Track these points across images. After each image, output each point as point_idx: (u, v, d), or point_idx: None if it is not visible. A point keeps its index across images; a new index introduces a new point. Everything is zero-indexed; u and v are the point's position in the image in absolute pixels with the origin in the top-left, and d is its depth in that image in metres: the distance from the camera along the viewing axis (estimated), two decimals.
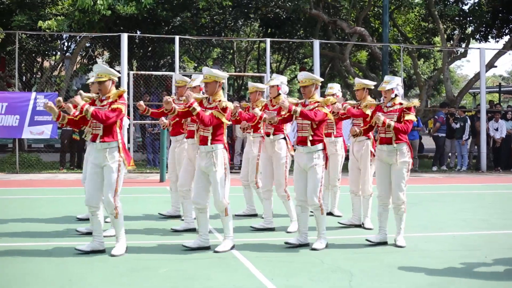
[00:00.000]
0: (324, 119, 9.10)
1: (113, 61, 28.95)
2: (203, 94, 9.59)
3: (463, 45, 28.57)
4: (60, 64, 25.78)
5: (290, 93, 41.08)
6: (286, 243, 9.30)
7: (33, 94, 19.39)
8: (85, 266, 8.04)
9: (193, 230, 10.23)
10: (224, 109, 8.78)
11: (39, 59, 27.77)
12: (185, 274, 7.68)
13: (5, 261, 8.18)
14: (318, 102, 9.18)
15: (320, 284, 7.33)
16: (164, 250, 8.98)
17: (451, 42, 27.78)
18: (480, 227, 11.41)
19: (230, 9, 25.39)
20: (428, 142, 27.07)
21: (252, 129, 11.05)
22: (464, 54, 27.84)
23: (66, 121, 8.63)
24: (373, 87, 11.22)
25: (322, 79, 9.83)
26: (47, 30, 19.73)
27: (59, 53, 27.39)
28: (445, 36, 26.45)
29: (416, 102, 9.72)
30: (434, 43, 30.27)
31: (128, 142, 19.61)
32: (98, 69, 8.75)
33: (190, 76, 11.03)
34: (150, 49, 27.19)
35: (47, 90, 24.50)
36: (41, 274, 7.60)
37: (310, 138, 9.13)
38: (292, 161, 9.83)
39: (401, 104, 9.49)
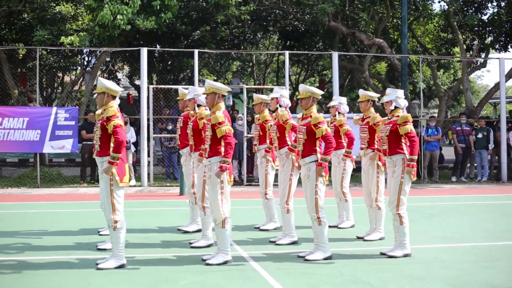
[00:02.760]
0: (325, 136, 9.12)
1: (133, 75, 29.17)
2: (205, 107, 9.76)
3: (483, 55, 28.44)
4: (81, 79, 25.98)
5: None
6: (298, 256, 9.31)
7: (54, 109, 19.50)
8: (105, 279, 8.08)
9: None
10: (220, 123, 8.82)
11: (60, 74, 27.99)
12: (204, 286, 7.70)
13: (26, 275, 8.24)
14: (311, 116, 9.20)
15: None
16: (184, 262, 8.99)
17: (471, 52, 27.68)
18: (502, 237, 11.33)
19: (249, 22, 25.48)
20: (448, 153, 26.95)
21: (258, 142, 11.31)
22: (483, 64, 27.74)
23: None
24: (377, 99, 11.20)
25: (322, 92, 9.83)
26: (68, 46, 19.89)
27: (79, 68, 27.60)
28: (465, 47, 26.36)
29: (408, 115, 9.61)
30: (453, 54, 30.18)
31: (148, 156, 19.70)
32: (98, 83, 8.92)
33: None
34: (169, 63, 27.34)
35: (68, 104, 24.66)
36: (61, 285, 7.65)
37: (302, 152, 9.22)
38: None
39: (398, 116, 9.52)
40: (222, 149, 8.86)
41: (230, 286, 7.72)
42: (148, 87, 19.93)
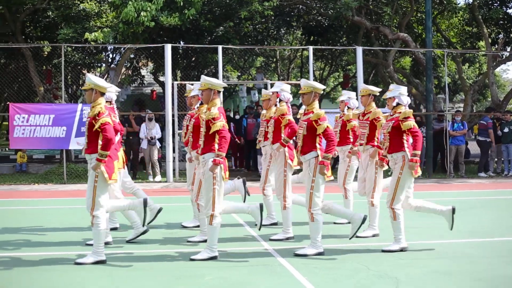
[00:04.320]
0: (326, 133, 9.07)
1: (157, 71, 29.26)
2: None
3: (508, 49, 28.21)
4: (105, 76, 26.08)
5: (333, 101, 41.01)
6: (294, 254, 9.24)
7: (80, 105, 19.62)
8: (131, 274, 8.12)
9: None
10: (214, 118, 8.82)
11: (85, 71, 28.12)
12: (230, 281, 7.72)
13: (58, 270, 8.30)
14: (312, 112, 9.16)
15: None
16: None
17: (496, 46, 27.44)
18: None
19: (273, 17, 25.45)
20: (474, 148, 26.77)
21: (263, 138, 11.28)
22: (509, 58, 27.49)
23: None
24: (378, 94, 11.10)
25: (324, 87, 9.75)
26: (92, 42, 19.98)
27: (104, 64, 27.73)
28: (490, 40, 26.17)
29: (409, 111, 9.56)
30: (478, 48, 29.95)
31: (174, 151, 19.76)
32: (86, 79, 8.92)
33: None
34: (193, 59, 27.38)
35: None
36: (92, 282, 7.70)
37: (301, 148, 9.20)
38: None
39: (400, 112, 9.49)
40: (216, 145, 8.86)
41: (256, 281, 7.73)
42: (172, 84, 19.98)
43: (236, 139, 22.86)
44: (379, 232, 10.71)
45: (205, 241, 9.72)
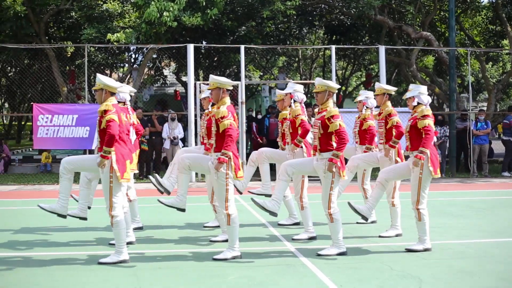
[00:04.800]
0: (339, 130, 9.01)
1: (180, 71, 29.35)
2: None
3: None
4: (128, 76, 26.20)
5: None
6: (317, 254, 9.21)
7: None
8: (155, 273, 8.16)
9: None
10: (223, 117, 8.82)
11: (108, 71, 28.27)
12: (253, 281, 7.72)
13: (82, 270, 8.36)
14: (326, 110, 9.12)
15: None
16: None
17: None
18: None
19: (295, 17, 25.43)
20: (498, 147, 26.60)
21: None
22: None
23: None
24: (393, 93, 11.05)
25: (338, 86, 9.70)
26: (115, 43, 20.07)
27: (126, 65, 27.86)
28: None
29: (427, 109, 9.52)
30: (502, 46, 29.78)
31: None
32: (96, 80, 8.94)
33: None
34: (216, 59, 27.43)
35: None
36: (117, 281, 7.74)
37: (319, 146, 9.15)
38: None
39: (419, 111, 9.45)
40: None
41: (278, 281, 7.73)
42: (195, 84, 20.02)
43: (258, 139, 22.86)
44: (402, 232, 10.66)
45: (227, 240, 9.78)
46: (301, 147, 10.43)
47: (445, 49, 24.20)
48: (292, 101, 10.67)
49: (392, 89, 10.98)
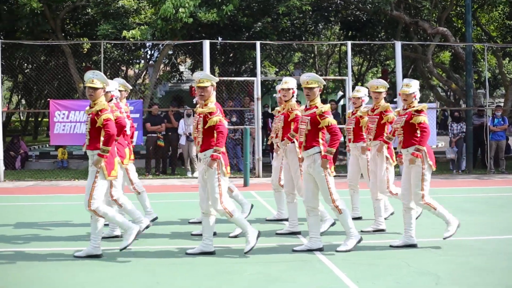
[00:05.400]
0: (331, 127, 8.97)
1: (196, 68, 29.34)
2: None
3: None
4: (144, 72, 26.26)
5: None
6: (293, 250, 9.20)
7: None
8: (171, 268, 8.18)
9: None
10: (211, 113, 8.81)
11: (124, 68, 28.34)
12: (269, 277, 7.72)
13: (99, 265, 8.39)
14: (316, 107, 9.06)
15: (406, 287, 7.27)
16: (249, 253, 9.03)
17: None
18: None
19: (310, 13, 25.38)
20: None
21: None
22: None
23: None
24: (387, 89, 10.94)
25: (324, 82, 9.64)
26: (131, 39, 20.11)
27: (142, 61, 27.90)
28: None
29: (425, 105, 9.47)
30: None
31: None
32: (93, 76, 8.90)
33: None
34: (231, 55, 27.42)
35: (132, 97, 24.98)
36: (130, 277, 7.76)
37: (304, 143, 9.11)
38: None
39: (413, 107, 9.38)
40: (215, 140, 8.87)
41: (295, 277, 7.72)
42: None
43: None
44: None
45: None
46: (293, 142, 10.32)
47: (461, 44, 24.09)
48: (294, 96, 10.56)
49: (386, 85, 10.91)
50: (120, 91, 10.66)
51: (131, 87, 11.52)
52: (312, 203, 9.12)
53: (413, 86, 9.50)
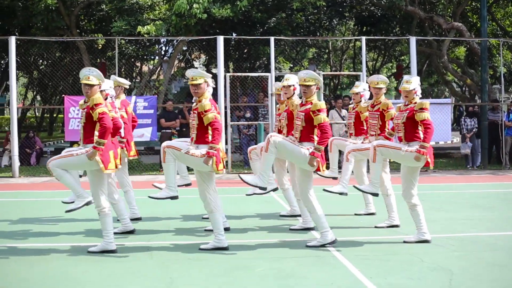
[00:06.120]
0: (322, 124, 8.94)
1: (210, 63, 29.38)
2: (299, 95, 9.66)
3: None
4: (158, 68, 26.32)
5: (386, 92, 40.66)
6: (306, 245, 9.22)
7: (133, 98, 19.79)
8: (184, 264, 8.20)
9: (311, 229, 10.36)
10: (206, 111, 8.82)
11: (138, 64, 28.43)
12: (283, 272, 7.72)
13: (112, 261, 8.43)
14: (311, 103, 9.07)
15: (419, 283, 7.25)
16: (262, 248, 9.04)
17: None
18: None
19: (325, 8, 25.34)
20: None
21: None
22: None
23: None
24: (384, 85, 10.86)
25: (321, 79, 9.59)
26: (145, 35, 20.15)
27: (157, 57, 27.96)
28: None
29: (427, 102, 9.41)
30: None
31: (226, 143, 19.82)
32: (89, 72, 8.92)
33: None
34: (245, 50, 27.43)
35: (147, 93, 25.04)
36: (143, 272, 7.79)
37: (299, 139, 9.11)
38: None
39: (415, 103, 9.33)
40: (210, 137, 8.87)
41: (308, 272, 7.72)
42: (224, 75, 20.04)
43: None
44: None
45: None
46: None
47: (476, 39, 23.97)
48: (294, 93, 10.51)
49: (386, 81, 10.87)
50: (115, 87, 10.72)
51: (129, 83, 11.54)
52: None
53: (414, 82, 9.46)
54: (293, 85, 10.32)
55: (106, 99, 9.62)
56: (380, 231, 10.12)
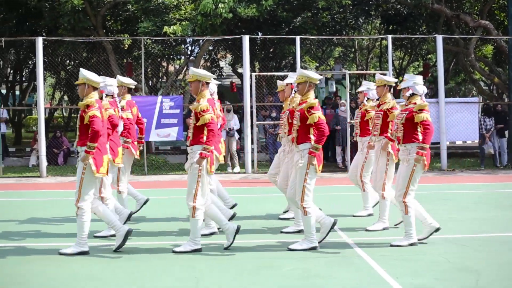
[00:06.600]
0: (317, 123, 8.87)
1: (236, 63, 29.39)
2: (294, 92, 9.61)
3: None
4: (185, 68, 26.35)
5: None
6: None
7: (159, 97, 19.86)
8: (211, 263, 8.22)
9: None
10: (204, 111, 8.81)
11: (164, 64, 28.49)
12: (308, 272, 7.73)
13: (137, 259, 8.47)
14: (306, 102, 9.01)
15: (446, 284, 7.22)
16: (286, 248, 9.03)
17: None
18: None
19: (351, 7, 25.25)
20: None
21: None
22: None
23: None
24: (394, 84, 10.70)
25: (320, 77, 9.48)
26: (171, 35, 20.21)
27: (183, 57, 28.01)
28: None
29: (425, 104, 9.23)
30: None
31: (252, 143, 19.85)
32: (80, 74, 9.03)
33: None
34: (271, 50, 27.40)
35: (173, 93, 25.12)
36: (169, 271, 7.82)
37: (296, 139, 9.07)
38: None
39: (415, 104, 9.21)
40: (205, 137, 8.87)
41: (334, 272, 7.72)
42: (250, 75, 20.05)
43: None
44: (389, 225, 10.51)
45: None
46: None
47: (504, 37, 23.78)
48: (293, 91, 10.45)
49: (393, 80, 10.63)
50: (118, 87, 10.79)
51: (134, 82, 11.60)
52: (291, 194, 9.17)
53: (408, 81, 9.40)
54: (291, 84, 10.30)
55: (100, 97, 9.79)
56: (403, 232, 10.06)
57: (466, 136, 21.24)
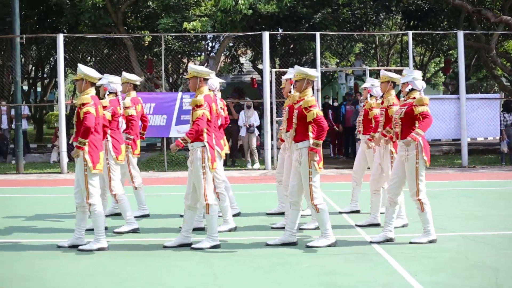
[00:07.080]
0: (316, 119, 8.81)
1: (256, 59, 29.40)
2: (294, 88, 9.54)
3: None
4: (205, 64, 26.39)
5: (434, 86, 40.26)
6: (266, 244, 9.12)
7: (179, 94, 19.91)
8: (227, 260, 8.24)
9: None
10: (198, 106, 8.80)
11: (185, 60, 28.51)
12: (326, 269, 7.72)
13: (156, 255, 8.50)
14: (303, 99, 8.98)
15: (465, 281, 7.18)
16: (304, 245, 9.02)
17: None
18: None
19: (371, 3, 25.18)
20: None
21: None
22: None
23: None
24: (398, 81, 10.60)
25: (318, 74, 9.40)
26: (191, 31, 20.24)
27: (203, 53, 28.04)
28: None
29: (425, 98, 9.16)
30: None
31: (272, 139, 19.84)
32: (78, 69, 9.07)
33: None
34: (291, 46, 27.37)
35: None
36: (188, 269, 7.84)
37: (294, 136, 9.05)
38: None
39: (414, 98, 9.13)
40: (205, 135, 8.88)
41: (352, 269, 7.70)
42: (270, 71, 20.04)
43: (335, 126, 22.87)
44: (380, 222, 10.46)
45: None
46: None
47: None
48: (292, 87, 10.38)
49: (397, 77, 10.52)
50: (123, 84, 10.88)
51: (140, 79, 11.67)
52: (296, 197, 9.11)
53: (407, 76, 9.35)
54: (290, 79, 10.24)
55: (104, 94, 9.86)
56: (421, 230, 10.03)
57: (487, 132, 21.10)
